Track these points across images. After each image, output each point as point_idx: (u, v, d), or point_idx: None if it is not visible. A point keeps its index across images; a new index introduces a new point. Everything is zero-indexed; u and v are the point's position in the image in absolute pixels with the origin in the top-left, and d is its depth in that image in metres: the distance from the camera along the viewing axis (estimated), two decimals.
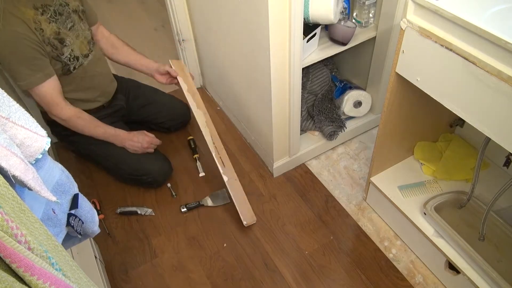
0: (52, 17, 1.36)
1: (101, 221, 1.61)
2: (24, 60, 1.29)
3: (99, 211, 1.65)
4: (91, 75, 1.54)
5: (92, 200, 1.66)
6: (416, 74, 1.06)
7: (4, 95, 0.65)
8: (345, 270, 1.44)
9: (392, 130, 1.34)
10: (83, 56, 1.49)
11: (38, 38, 1.31)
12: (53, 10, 1.37)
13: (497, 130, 0.90)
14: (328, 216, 1.60)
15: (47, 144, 0.69)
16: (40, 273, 0.46)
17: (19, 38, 1.25)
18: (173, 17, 1.90)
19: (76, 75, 1.48)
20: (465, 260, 1.23)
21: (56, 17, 1.38)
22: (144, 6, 2.99)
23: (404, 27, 1.02)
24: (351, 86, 1.80)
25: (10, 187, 0.52)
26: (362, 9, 1.49)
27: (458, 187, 1.41)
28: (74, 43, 1.45)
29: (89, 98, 1.58)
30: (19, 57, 1.28)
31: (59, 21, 1.39)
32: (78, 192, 0.86)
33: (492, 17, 0.87)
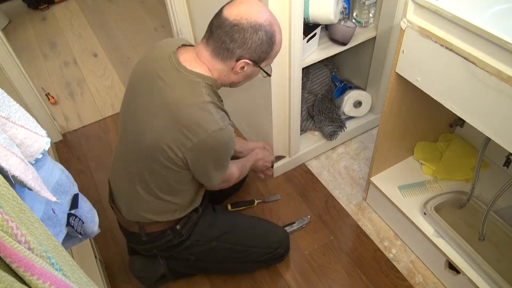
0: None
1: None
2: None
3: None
4: None
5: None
6: (416, 74, 1.06)
7: (4, 95, 0.66)
8: (345, 270, 1.44)
9: (392, 130, 1.34)
10: None
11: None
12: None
13: (497, 130, 0.90)
14: (328, 216, 1.60)
15: (47, 144, 0.69)
16: (40, 273, 0.46)
17: (233, 131, 1.06)
18: (173, 17, 1.90)
19: None
20: (465, 260, 1.23)
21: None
22: (144, 6, 2.99)
23: (404, 27, 1.02)
24: (351, 86, 1.80)
25: (10, 187, 0.52)
26: (362, 9, 1.49)
27: (458, 187, 1.41)
28: None
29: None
30: (231, 152, 1.11)
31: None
32: (78, 192, 0.86)
33: (492, 17, 0.87)
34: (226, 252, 1.30)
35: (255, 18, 0.94)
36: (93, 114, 2.16)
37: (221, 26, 0.95)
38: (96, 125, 2.10)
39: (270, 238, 1.36)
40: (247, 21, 0.94)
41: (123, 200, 1.19)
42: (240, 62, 0.99)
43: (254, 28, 0.94)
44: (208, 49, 0.99)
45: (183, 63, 1.01)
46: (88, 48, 2.65)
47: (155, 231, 1.19)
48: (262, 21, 0.95)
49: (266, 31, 0.96)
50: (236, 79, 1.05)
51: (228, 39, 0.95)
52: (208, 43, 0.99)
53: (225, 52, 0.97)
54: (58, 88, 2.36)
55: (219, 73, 1.02)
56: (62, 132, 2.06)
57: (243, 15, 0.94)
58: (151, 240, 1.21)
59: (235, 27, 0.94)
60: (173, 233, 1.20)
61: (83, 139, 2.03)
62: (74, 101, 2.27)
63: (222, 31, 0.95)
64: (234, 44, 0.96)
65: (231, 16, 0.94)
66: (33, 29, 2.88)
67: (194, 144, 0.98)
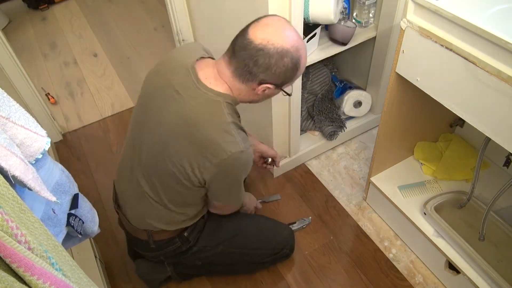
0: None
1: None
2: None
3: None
4: None
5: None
6: (416, 74, 1.06)
7: (4, 95, 0.66)
8: (345, 270, 1.44)
9: (392, 130, 1.34)
10: None
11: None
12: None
13: (497, 130, 0.90)
14: (328, 216, 1.59)
15: (47, 144, 0.69)
16: (40, 273, 0.46)
17: (252, 153, 1.05)
18: (173, 17, 1.90)
19: None
20: (465, 260, 1.23)
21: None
22: (144, 6, 2.99)
23: (404, 27, 1.02)
24: (351, 86, 1.80)
25: (10, 187, 0.52)
26: (362, 9, 1.49)
27: (458, 187, 1.41)
28: None
29: None
30: (246, 174, 1.10)
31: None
32: (78, 192, 0.86)
33: (492, 17, 0.87)
34: (233, 256, 1.30)
35: (282, 43, 0.90)
36: (93, 114, 2.16)
37: (246, 48, 0.91)
38: (96, 125, 2.10)
39: (276, 239, 1.36)
40: (273, 47, 0.90)
41: (131, 208, 1.17)
42: (262, 86, 0.96)
43: (280, 55, 0.90)
44: (230, 68, 0.96)
45: (203, 80, 0.97)
46: (88, 48, 2.65)
47: (163, 238, 1.18)
48: (289, 46, 0.91)
49: (292, 58, 0.92)
50: (256, 98, 1.03)
51: (252, 63, 0.92)
52: (231, 62, 0.96)
53: (247, 74, 0.94)
54: (58, 88, 2.36)
55: (239, 92, 1.00)
56: (62, 132, 2.06)
57: (270, 39, 0.90)
58: (159, 247, 1.20)
59: (261, 52, 0.90)
60: (181, 240, 1.19)
61: (83, 139, 2.03)
62: (74, 101, 2.27)
63: (246, 53, 0.92)
64: (257, 68, 0.92)
65: (257, 39, 0.90)
66: (33, 29, 2.88)
67: (213, 165, 0.96)
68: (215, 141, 0.94)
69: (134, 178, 1.11)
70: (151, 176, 1.07)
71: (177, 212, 1.12)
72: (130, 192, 1.15)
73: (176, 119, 0.98)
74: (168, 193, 1.08)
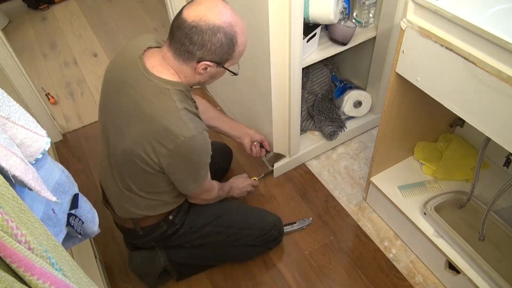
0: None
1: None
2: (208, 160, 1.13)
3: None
4: None
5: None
6: (416, 74, 1.06)
7: (4, 95, 0.66)
8: (345, 270, 1.44)
9: (392, 130, 1.34)
10: None
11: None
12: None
13: (497, 130, 0.90)
14: (328, 216, 1.59)
15: (47, 144, 0.69)
16: (40, 273, 0.46)
17: (207, 137, 1.07)
18: (173, 17, 1.90)
19: None
20: (465, 260, 1.23)
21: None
22: (144, 6, 2.99)
23: (404, 27, 1.02)
24: (351, 86, 1.80)
25: (10, 187, 0.52)
26: (362, 9, 1.49)
27: (458, 187, 1.41)
28: None
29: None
30: (207, 159, 1.12)
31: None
32: (78, 192, 0.86)
33: (492, 17, 0.87)
34: (220, 236, 1.33)
35: (214, 19, 0.92)
36: (93, 114, 2.16)
37: (181, 28, 0.94)
38: (96, 125, 2.10)
39: (262, 221, 1.40)
40: (205, 23, 0.92)
41: (113, 199, 1.22)
42: (201, 64, 0.97)
43: (212, 30, 0.92)
44: (170, 50, 0.98)
45: (150, 69, 1.00)
46: (88, 48, 2.65)
47: (149, 224, 1.22)
48: (221, 22, 0.93)
49: (225, 33, 0.94)
50: (201, 79, 1.04)
51: (188, 41, 0.94)
52: (170, 45, 0.98)
53: (185, 54, 0.96)
54: (58, 88, 2.36)
55: (185, 74, 1.01)
56: (62, 132, 2.06)
57: (202, 16, 0.92)
58: (146, 233, 1.24)
59: (194, 29, 0.92)
60: (166, 224, 1.23)
61: (83, 139, 2.03)
62: (74, 101, 2.27)
63: (181, 32, 0.94)
64: (193, 46, 0.94)
65: (190, 17, 0.92)
66: (33, 29, 2.88)
67: (168, 151, 0.99)
68: (168, 128, 0.97)
69: (109, 170, 1.17)
70: (118, 167, 1.11)
71: (152, 199, 1.16)
72: (110, 184, 1.20)
73: (131, 110, 1.01)
74: (136, 182, 1.11)
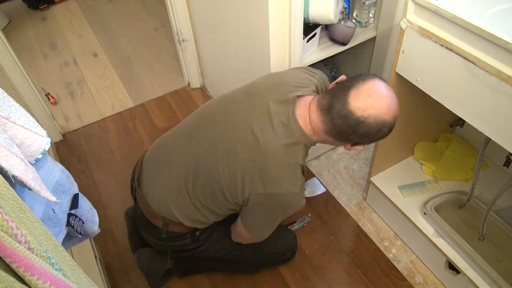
0: None
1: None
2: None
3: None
4: None
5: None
6: (416, 74, 1.06)
7: (4, 95, 0.65)
8: (345, 270, 1.43)
9: (392, 130, 1.34)
10: None
11: None
12: None
13: (497, 130, 0.90)
14: (328, 216, 1.59)
15: (47, 144, 0.69)
16: (40, 273, 0.46)
17: (301, 201, 1.08)
18: (173, 17, 1.90)
19: None
20: (465, 260, 1.23)
21: None
22: (144, 6, 2.99)
23: (404, 27, 1.02)
24: None
25: (10, 187, 0.52)
26: (362, 9, 1.49)
27: (458, 187, 1.41)
28: None
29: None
30: (287, 216, 1.13)
31: None
32: (78, 192, 0.86)
33: (492, 17, 0.87)
34: (235, 258, 1.31)
35: (384, 117, 0.90)
36: (93, 114, 2.16)
37: (346, 118, 0.91)
38: (96, 125, 2.10)
39: (280, 244, 1.36)
40: (374, 120, 0.90)
41: (158, 190, 1.14)
42: (355, 146, 0.99)
43: (379, 127, 0.91)
44: (324, 126, 0.96)
45: (297, 116, 0.99)
46: (88, 48, 2.65)
47: (176, 231, 1.17)
48: (389, 118, 0.92)
49: (390, 127, 0.94)
50: (335, 145, 1.07)
51: (351, 131, 0.92)
52: (325, 121, 0.95)
53: (343, 137, 0.96)
54: (58, 88, 2.36)
55: (324, 141, 1.01)
56: (62, 132, 2.06)
57: (371, 112, 0.89)
58: (169, 239, 1.19)
59: (362, 124, 0.90)
60: (192, 238, 1.19)
61: (83, 139, 2.03)
62: (74, 101, 2.27)
63: (345, 123, 0.92)
64: (355, 135, 0.93)
65: (359, 110, 0.89)
66: (33, 29, 2.88)
67: (265, 193, 0.98)
68: (279, 175, 0.97)
69: (179, 163, 1.10)
70: (200, 169, 1.06)
71: (201, 213, 1.12)
72: (166, 175, 1.13)
73: (255, 138, 0.98)
74: (204, 194, 1.08)
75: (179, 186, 1.10)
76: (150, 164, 1.19)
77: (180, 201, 1.11)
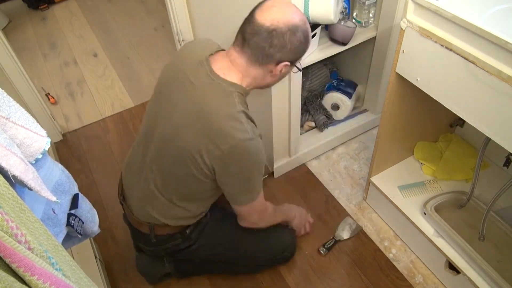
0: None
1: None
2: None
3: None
4: None
5: None
6: (416, 74, 1.06)
7: (4, 95, 0.66)
8: (345, 270, 1.43)
9: (392, 130, 1.34)
10: None
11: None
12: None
13: (497, 130, 0.90)
14: (328, 216, 1.59)
15: (47, 144, 0.69)
16: (40, 273, 0.46)
17: (262, 144, 1.03)
18: (173, 17, 1.90)
19: None
20: (465, 260, 1.23)
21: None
22: (144, 6, 2.99)
23: (404, 27, 1.02)
24: (340, 88, 1.79)
25: (10, 187, 0.52)
26: (362, 9, 1.49)
27: (458, 187, 1.41)
28: None
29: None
30: (261, 169, 1.08)
31: None
32: (78, 192, 0.86)
33: (492, 17, 0.87)
34: (231, 257, 1.30)
35: (291, 20, 0.93)
36: (93, 114, 2.16)
37: (258, 33, 0.93)
38: (96, 125, 2.10)
39: (277, 243, 1.35)
40: (284, 25, 0.92)
41: (136, 199, 1.18)
42: (280, 66, 0.98)
43: (291, 31, 0.93)
44: (244, 56, 0.98)
45: (216, 71, 0.99)
46: (88, 48, 2.65)
47: (165, 233, 1.18)
48: (297, 21, 0.94)
49: (302, 31, 0.95)
50: (272, 81, 1.05)
51: (267, 45, 0.94)
52: (243, 51, 0.97)
53: (264, 58, 0.96)
54: (58, 88, 2.36)
55: (255, 78, 1.01)
56: (62, 132, 2.06)
57: (279, 19, 0.92)
58: (160, 242, 1.20)
59: (274, 32, 0.92)
60: (182, 237, 1.20)
61: (83, 139, 2.03)
62: (74, 101, 2.27)
63: (259, 37, 0.93)
64: (273, 49, 0.94)
65: (266, 21, 0.92)
66: (33, 29, 2.88)
67: (222, 152, 0.97)
68: (224, 129, 0.96)
69: (143, 168, 1.12)
70: (160, 165, 1.08)
71: (181, 207, 1.12)
72: (137, 183, 1.16)
73: (189, 107, 1.00)
74: (176, 186, 1.08)
75: (151, 190, 1.12)
76: (126, 175, 1.22)
77: (155, 203, 1.13)
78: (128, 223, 1.27)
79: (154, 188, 1.11)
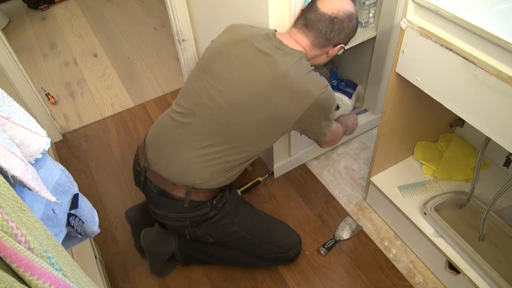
0: None
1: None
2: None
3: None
4: None
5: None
6: (416, 74, 1.06)
7: (4, 95, 0.66)
8: (345, 270, 1.44)
9: (392, 130, 1.34)
10: None
11: None
12: None
13: (497, 130, 0.90)
14: (328, 216, 1.59)
15: (47, 144, 0.69)
16: (40, 273, 0.46)
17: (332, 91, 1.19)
18: (173, 17, 1.90)
19: None
20: (465, 260, 1.23)
21: None
22: (144, 6, 2.99)
23: (404, 27, 1.02)
24: (340, 88, 1.79)
25: (10, 187, 0.52)
26: (362, 9, 1.49)
27: (458, 187, 1.41)
28: None
29: None
30: (335, 106, 1.26)
31: None
32: (78, 192, 0.86)
33: (492, 17, 0.87)
34: (242, 241, 1.33)
35: (348, 8, 1.15)
36: (93, 114, 2.16)
37: (321, 20, 1.14)
38: (96, 125, 2.10)
39: (285, 239, 1.39)
40: (343, 13, 1.14)
41: (178, 161, 1.19)
42: (337, 47, 1.20)
43: (349, 18, 1.15)
44: (308, 39, 1.16)
45: (285, 43, 1.15)
46: (88, 48, 2.65)
47: (198, 200, 1.21)
48: (352, 10, 1.16)
49: (356, 18, 1.18)
50: (324, 61, 1.26)
51: (329, 30, 1.15)
52: (308, 34, 1.16)
53: (325, 41, 1.16)
54: (58, 88, 2.36)
55: (313, 57, 1.21)
56: (62, 132, 2.06)
57: (339, 8, 1.14)
58: (191, 207, 1.21)
59: (335, 19, 1.13)
60: (211, 205, 1.23)
61: (83, 139, 2.03)
62: (74, 101, 2.27)
63: (322, 24, 1.14)
64: (334, 33, 1.16)
65: (328, 10, 1.13)
66: (33, 29, 2.88)
67: (309, 108, 1.11)
68: (306, 86, 1.10)
69: (202, 132, 1.16)
70: (233, 129, 1.14)
71: (223, 162, 1.18)
72: (184, 144, 1.18)
73: (269, 73, 1.11)
74: (242, 141, 1.16)
75: (193, 152, 1.17)
76: (158, 137, 1.24)
77: (201, 162, 1.17)
78: (148, 191, 1.26)
79: (201, 147, 1.16)
